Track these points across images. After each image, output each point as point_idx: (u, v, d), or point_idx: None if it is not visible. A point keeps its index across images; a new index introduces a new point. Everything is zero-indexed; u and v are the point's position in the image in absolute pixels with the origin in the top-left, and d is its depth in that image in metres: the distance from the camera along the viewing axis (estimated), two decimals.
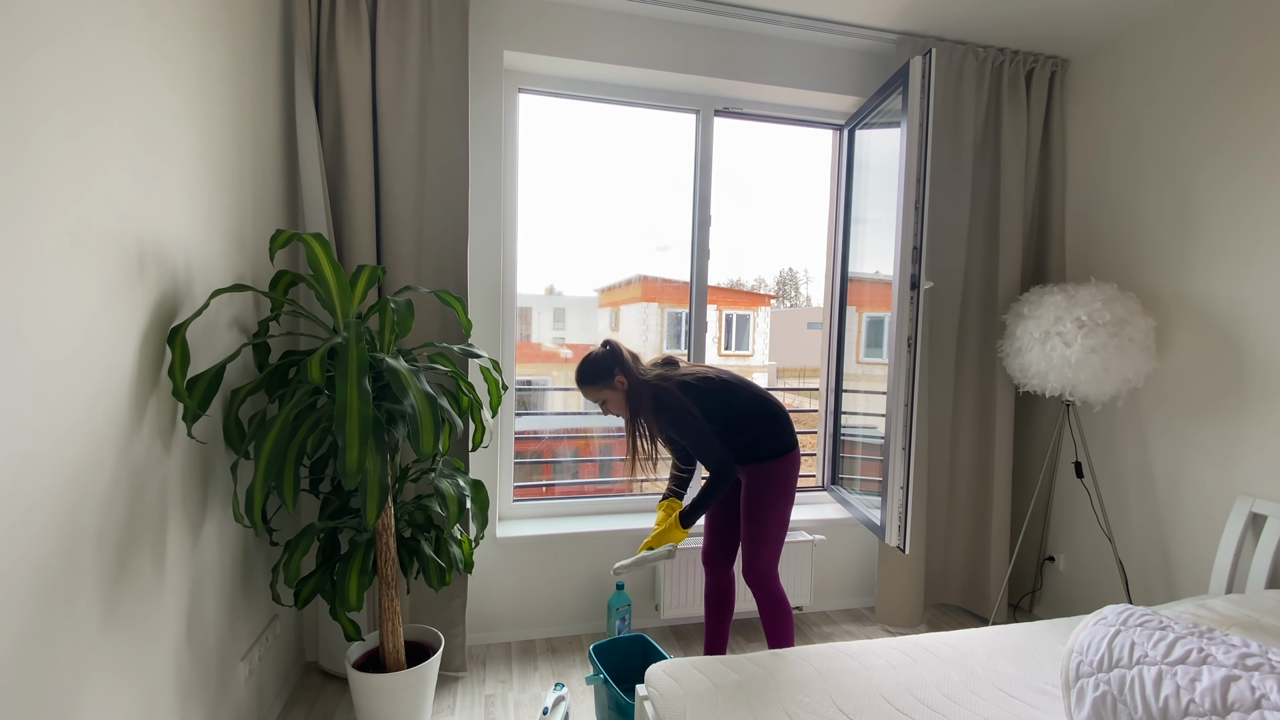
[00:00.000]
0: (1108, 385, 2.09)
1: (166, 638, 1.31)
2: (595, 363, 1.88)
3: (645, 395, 1.86)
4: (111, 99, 1.11)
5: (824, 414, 2.86)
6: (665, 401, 1.83)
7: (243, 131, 1.65)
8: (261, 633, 1.82)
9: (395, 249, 2.02)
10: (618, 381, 1.88)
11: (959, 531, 2.67)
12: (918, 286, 2.09)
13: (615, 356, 1.89)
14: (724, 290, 15.25)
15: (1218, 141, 2.06)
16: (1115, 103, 2.41)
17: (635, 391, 1.88)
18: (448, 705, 2.02)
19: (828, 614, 2.71)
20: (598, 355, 1.89)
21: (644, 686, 1.42)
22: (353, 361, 1.34)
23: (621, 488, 4.45)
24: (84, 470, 1.05)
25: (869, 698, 1.33)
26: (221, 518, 1.57)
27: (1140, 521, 2.31)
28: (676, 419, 1.81)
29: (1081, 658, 1.13)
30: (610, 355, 1.89)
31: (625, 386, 1.89)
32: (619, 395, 1.89)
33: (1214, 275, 2.07)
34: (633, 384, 1.88)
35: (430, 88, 2.00)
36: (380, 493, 1.39)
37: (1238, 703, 0.91)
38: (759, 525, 1.88)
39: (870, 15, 2.31)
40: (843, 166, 2.71)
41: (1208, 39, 2.09)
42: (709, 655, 1.93)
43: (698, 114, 2.56)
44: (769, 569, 1.90)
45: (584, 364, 1.90)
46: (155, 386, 1.26)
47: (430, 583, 1.78)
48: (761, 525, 1.88)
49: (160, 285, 1.28)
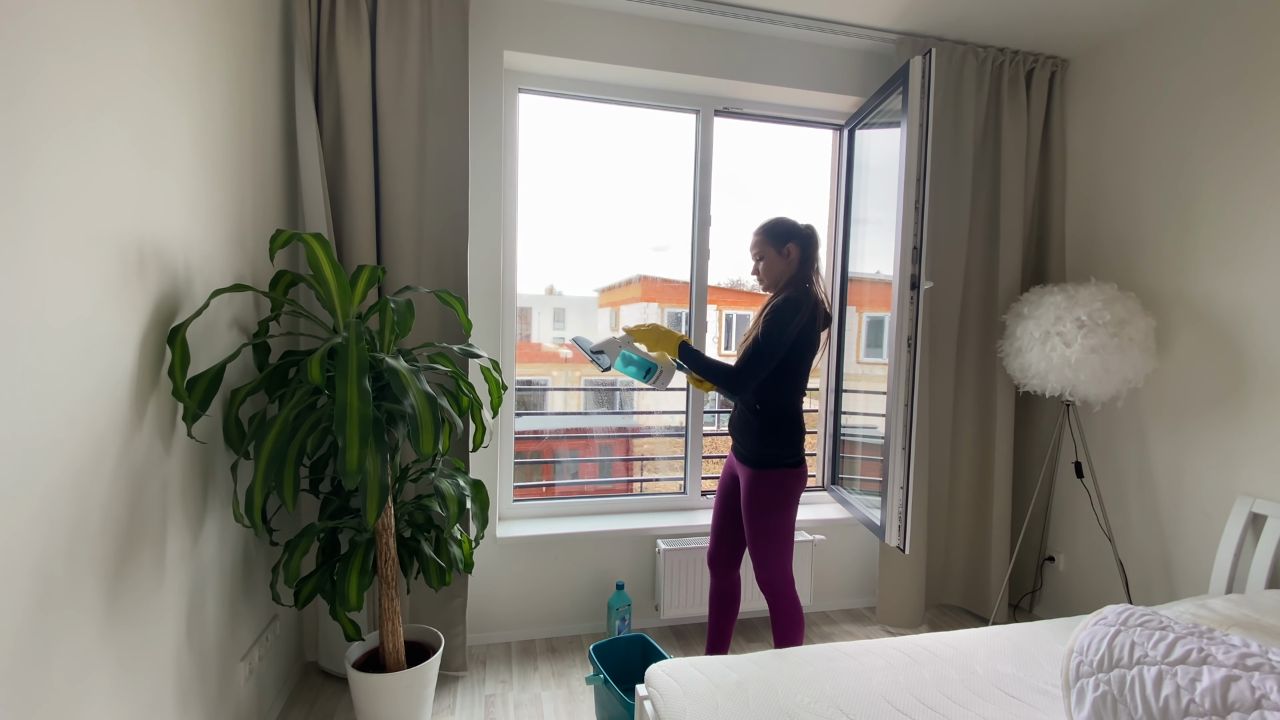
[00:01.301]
0: (1108, 385, 2.09)
1: (166, 637, 1.31)
2: (786, 224, 1.84)
3: (792, 284, 1.80)
4: (112, 98, 1.11)
5: (824, 414, 2.86)
6: (796, 304, 1.72)
7: (243, 131, 1.65)
8: (261, 633, 1.82)
9: (395, 249, 2.02)
10: (788, 249, 1.82)
11: (959, 531, 2.67)
12: (918, 286, 2.09)
13: (808, 237, 1.84)
14: (724, 290, 15.22)
15: (1218, 141, 2.06)
16: (1115, 103, 2.41)
17: (792, 274, 1.82)
18: (448, 705, 2.02)
19: (828, 614, 2.71)
20: (794, 223, 1.84)
21: (644, 686, 1.42)
22: (353, 361, 1.34)
23: (621, 488, 4.45)
24: (84, 470, 1.05)
25: (869, 698, 1.33)
26: (221, 518, 1.57)
27: (1140, 521, 2.31)
28: (778, 320, 1.71)
29: (1081, 658, 1.13)
30: (804, 232, 1.84)
31: (790, 260, 1.82)
32: (777, 264, 1.83)
33: (1214, 275, 2.07)
34: (797, 269, 1.82)
35: (430, 88, 2.00)
36: (380, 493, 1.39)
37: (1238, 703, 0.91)
38: (764, 534, 1.83)
39: (870, 15, 2.31)
40: (843, 166, 2.71)
41: (1207, 39, 2.09)
42: (710, 654, 1.93)
43: (698, 114, 2.56)
44: (782, 576, 1.84)
45: (778, 219, 1.85)
46: (155, 386, 1.26)
47: (430, 583, 1.78)
48: (765, 534, 1.82)
49: (160, 285, 1.28)
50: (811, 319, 1.76)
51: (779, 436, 1.81)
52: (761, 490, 1.81)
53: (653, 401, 12.61)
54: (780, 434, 1.81)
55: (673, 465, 2.86)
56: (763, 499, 1.81)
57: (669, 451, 3.03)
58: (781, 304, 1.74)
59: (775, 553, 1.83)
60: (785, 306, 1.73)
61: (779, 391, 1.80)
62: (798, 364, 1.79)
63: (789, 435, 1.82)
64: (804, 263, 1.83)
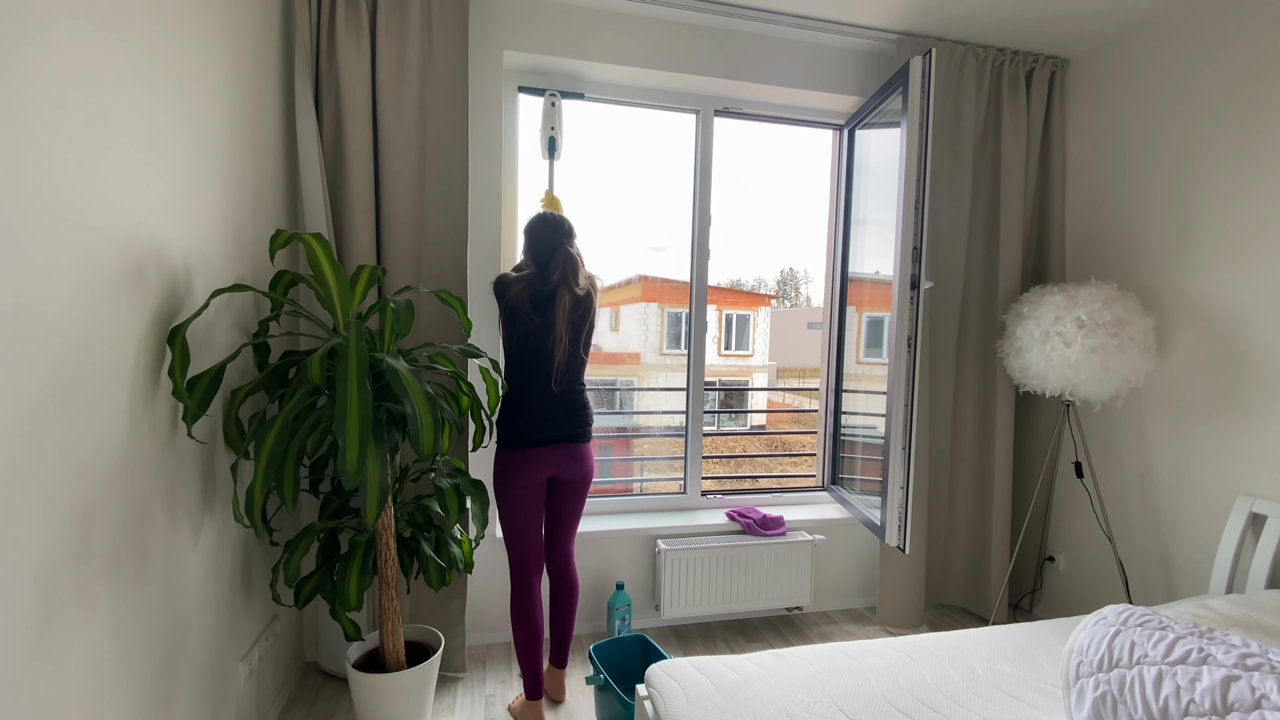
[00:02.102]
0: (1108, 385, 2.09)
1: (166, 637, 1.31)
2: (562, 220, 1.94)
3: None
4: (112, 98, 1.11)
5: (824, 414, 2.86)
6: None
7: (243, 131, 1.65)
8: (261, 633, 1.82)
9: (395, 249, 2.02)
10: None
11: (959, 531, 2.67)
12: (918, 286, 2.09)
13: (526, 228, 1.94)
14: (724, 290, 15.25)
15: (1218, 141, 2.06)
16: (1115, 102, 2.41)
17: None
18: (448, 705, 2.02)
19: (828, 614, 2.71)
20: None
21: (644, 686, 1.42)
22: (353, 361, 1.33)
23: (621, 488, 4.45)
24: (84, 470, 1.05)
25: (869, 698, 1.33)
26: (221, 518, 1.57)
27: (1140, 521, 2.31)
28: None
29: (1081, 658, 1.13)
30: (528, 222, 1.94)
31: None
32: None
33: (1214, 275, 2.07)
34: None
35: (430, 87, 2.00)
36: (380, 493, 1.39)
37: (1238, 703, 0.91)
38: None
39: (870, 15, 2.31)
40: (843, 166, 2.71)
41: (1207, 39, 2.09)
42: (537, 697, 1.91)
43: (698, 114, 2.56)
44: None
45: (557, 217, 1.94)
46: (155, 386, 1.26)
47: (430, 583, 1.78)
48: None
49: (160, 285, 1.28)
50: (513, 303, 1.85)
51: (499, 415, 1.90)
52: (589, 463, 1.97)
53: (653, 402, 12.60)
54: (500, 412, 1.90)
55: (673, 465, 2.86)
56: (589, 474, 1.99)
57: (669, 451, 3.03)
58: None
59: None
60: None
61: (506, 371, 1.91)
62: (510, 344, 1.89)
63: (503, 414, 1.89)
64: (531, 258, 1.92)
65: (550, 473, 1.89)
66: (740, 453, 10.63)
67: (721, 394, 13.79)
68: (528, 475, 1.85)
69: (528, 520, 1.90)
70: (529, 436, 1.84)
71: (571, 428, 1.89)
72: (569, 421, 1.88)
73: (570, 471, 1.91)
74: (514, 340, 1.87)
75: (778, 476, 3.84)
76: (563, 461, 1.89)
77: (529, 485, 1.87)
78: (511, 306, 1.84)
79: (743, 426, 12.24)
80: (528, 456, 1.85)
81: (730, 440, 11.00)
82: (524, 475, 1.85)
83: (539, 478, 1.87)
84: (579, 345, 1.90)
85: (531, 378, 1.86)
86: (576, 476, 1.93)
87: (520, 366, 1.87)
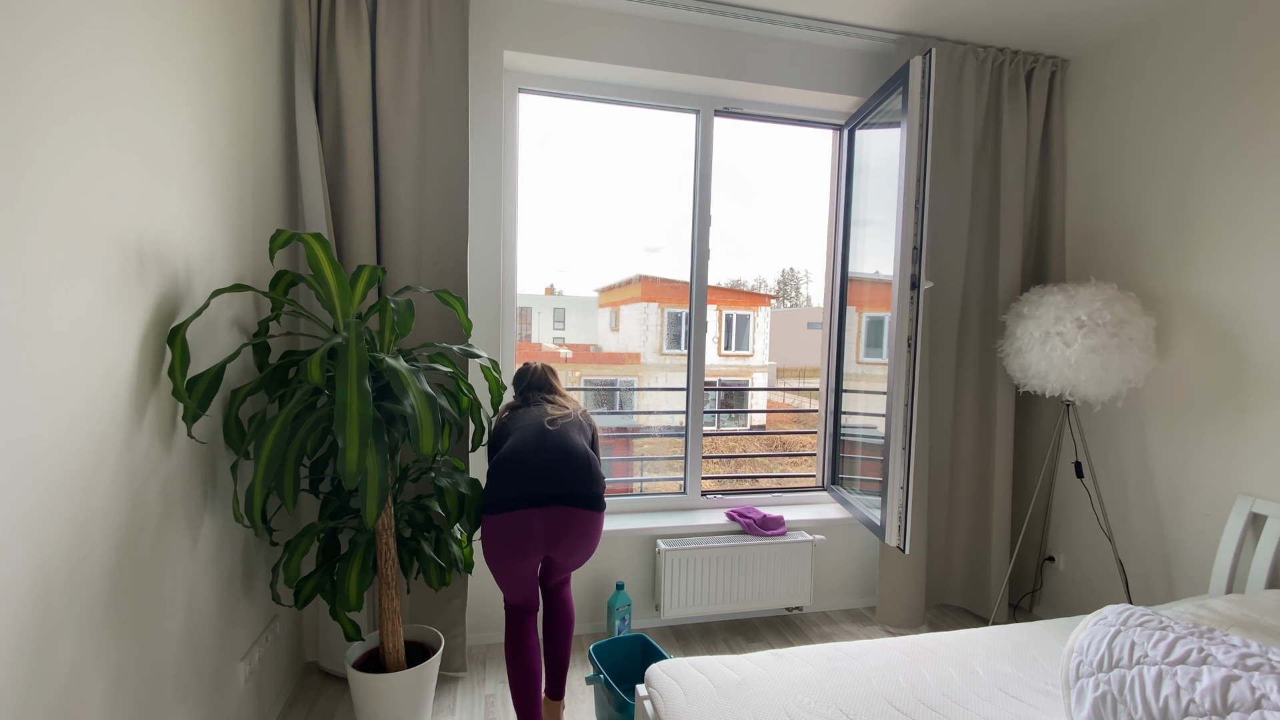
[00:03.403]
0: (1108, 385, 2.09)
1: (166, 637, 1.31)
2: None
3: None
4: (112, 99, 1.11)
5: (824, 414, 2.86)
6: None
7: (243, 131, 1.65)
8: (261, 633, 1.82)
9: (395, 249, 2.02)
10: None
11: (959, 531, 2.67)
12: (918, 286, 2.09)
13: (515, 377, 1.98)
14: (724, 290, 15.27)
15: (1218, 141, 2.06)
16: (1115, 103, 2.41)
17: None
18: (448, 705, 2.02)
19: (828, 614, 2.71)
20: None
21: (644, 686, 1.42)
22: (353, 361, 1.34)
23: (621, 488, 4.46)
24: (84, 470, 1.05)
25: (869, 698, 1.33)
26: (221, 518, 1.57)
27: (1140, 521, 2.31)
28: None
29: (1081, 658, 1.13)
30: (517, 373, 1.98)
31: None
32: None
33: (1214, 275, 2.07)
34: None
35: (430, 88, 2.00)
36: (380, 493, 1.39)
37: (1238, 703, 0.91)
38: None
39: (870, 15, 2.31)
40: (843, 166, 2.71)
41: (1207, 39, 2.09)
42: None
43: (698, 114, 2.56)
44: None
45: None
46: (155, 386, 1.26)
47: (430, 582, 1.78)
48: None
49: (160, 285, 1.28)
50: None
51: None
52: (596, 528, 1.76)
53: (653, 402, 12.60)
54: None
55: (673, 465, 2.86)
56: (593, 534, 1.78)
57: (669, 451, 3.03)
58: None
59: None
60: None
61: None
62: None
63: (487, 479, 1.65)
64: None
65: (545, 551, 1.65)
66: (740, 453, 10.64)
67: (721, 394, 13.80)
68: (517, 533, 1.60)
69: (518, 564, 1.64)
70: (509, 496, 1.58)
71: (572, 484, 1.62)
72: (566, 476, 1.61)
73: (569, 552, 1.69)
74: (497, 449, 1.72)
75: (778, 476, 3.84)
76: (560, 532, 1.63)
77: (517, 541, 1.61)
78: (494, 437, 1.79)
79: (743, 426, 12.25)
80: (514, 515, 1.60)
81: (730, 440, 11.01)
82: (511, 532, 1.59)
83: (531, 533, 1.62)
84: (586, 441, 1.74)
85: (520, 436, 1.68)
86: (577, 559, 1.72)
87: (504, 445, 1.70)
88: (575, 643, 2.39)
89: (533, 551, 1.60)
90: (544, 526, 1.58)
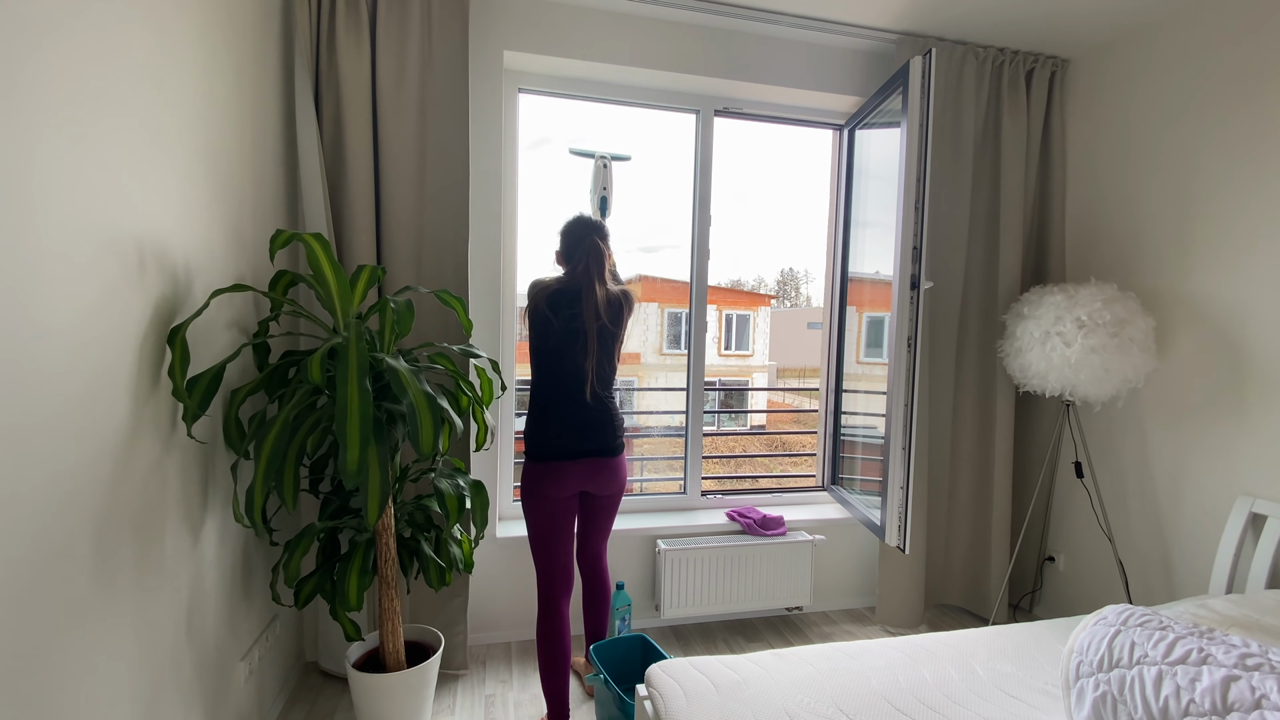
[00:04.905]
0: (1108, 385, 2.09)
1: (166, 637, 1.31)
2: (565, 223, 1.89)
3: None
4: (112, 98, 1.11)
5: (824, 414, 2.86)
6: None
7: (243, 131, 1.65)
8: (261, 633, 1.82)
9: (395, 249, 2.02)
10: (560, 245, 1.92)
11: (959, 531, 2.67)
12: (918, 286, 2.09)
13: (565, 231, 1.87)
14: (724, 290, 15.27)
15: (1218, 141, 2.06)
16: (1115, 102, 2.41)
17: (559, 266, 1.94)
18: (448, 705, 2.02)
19: (828, 614, 2.71)
20: (569, 220, 1.88)
21: (644, 686, 1.42)
22: (353, 361, 1.33)
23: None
24: (84, 470, 1.05)
25: (869, 698, 1.33)
26: (221, 518, 1.57)
27: (1140, 521, 2.31)
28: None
29: (1081, 658, 1.13)
30: (566, 225, 1.88)
31: (559, 254, 1.92)
32: (558, 259, 1.91)
33: (1214, 275, 2.07)
34: (559, 261, 1.92)
35: (430, 87, 2.00)
36: (381, 492, 1.39)
37: (1238, 703, 0.91)
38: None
39: (870, 15, 2.31)
40: (843, 166, 2.71)
41: (1207, 39, 2.09)
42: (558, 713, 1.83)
43: (698, 114, 2.56)
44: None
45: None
46: (155, 386, 1.26)
47: (430, 582, 1.78)
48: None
49: (160, 285, 1.28)
50: (533, 304, 1.79)
51: (526, 427, 1.82)
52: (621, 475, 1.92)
53: (653, 402, 12.59)
54: (527, 425, 1.82)
55: (673, 465, 2.86)
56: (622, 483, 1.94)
57: (669, 451, 3.03)
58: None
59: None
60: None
61: (532, 381, 1.84)
62: (534, 350, 1.81)
63: (529, 426, 1.81)
64: (563, 255, 1.88)
65: (581, 487, 1.80)
66: (740, 453, 10.64)
67: (721, 394, 13.80)
68: (557, 489, 1.76)
69: (557, 538, 1.79)
70: (557, 449, 1.76)
71: (602, 440, 1.79)
72: (600, 434, 1.79)
73: (602, 486, 1.83)
74: (536, 344, 1.78)
75: (778, 476, 3.85)
76: (594, 475, 1.80)
77: (558, 499, 1.77)
78: (533, 307, 1.77)
79: (743, 426, 12.25)
80: (556, 469, 1.76)
81: (730, 440, 11.01)
82: (553, 489, 1.76)
83: (568, 491, 1.78)
84: (610, 351, 1.81)
85: (559, 385, 1.77)
86: (609, 491, 1.86)
87: (546, 375, 1.78)
88: (576, 642, 2.39)
89: (572, 484, 1.80)
90: (579, 471, 1.80)
